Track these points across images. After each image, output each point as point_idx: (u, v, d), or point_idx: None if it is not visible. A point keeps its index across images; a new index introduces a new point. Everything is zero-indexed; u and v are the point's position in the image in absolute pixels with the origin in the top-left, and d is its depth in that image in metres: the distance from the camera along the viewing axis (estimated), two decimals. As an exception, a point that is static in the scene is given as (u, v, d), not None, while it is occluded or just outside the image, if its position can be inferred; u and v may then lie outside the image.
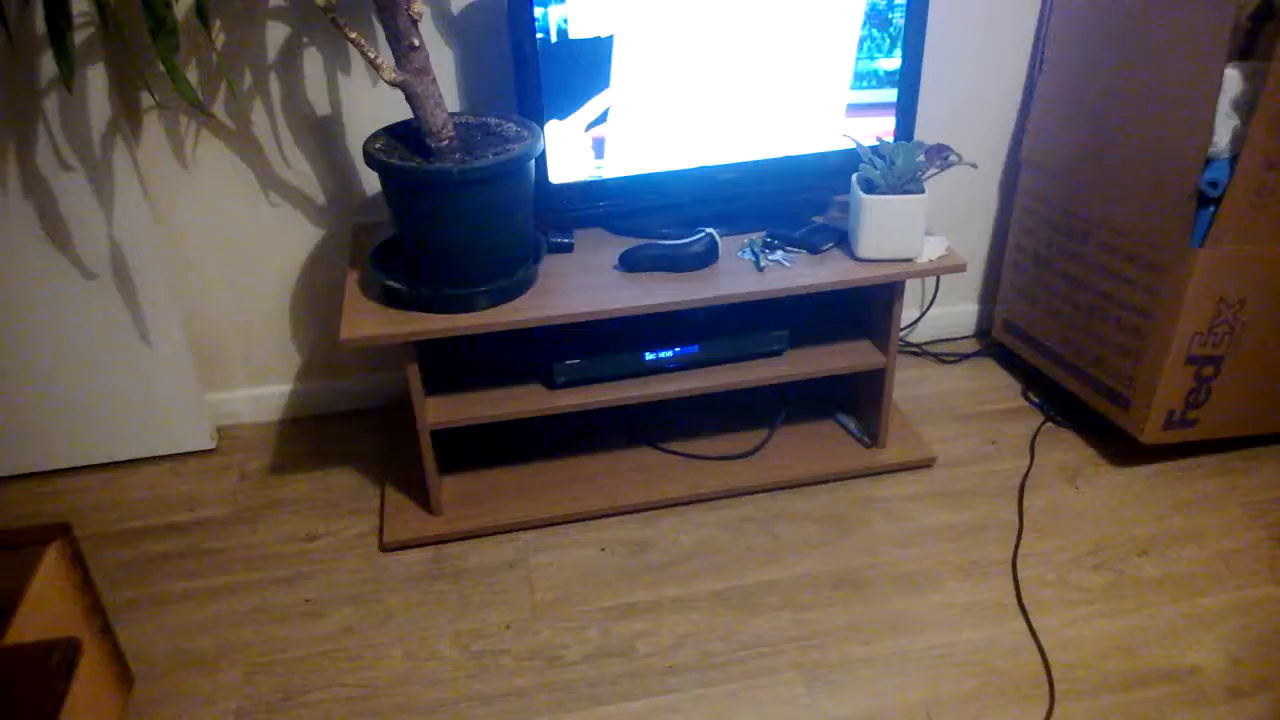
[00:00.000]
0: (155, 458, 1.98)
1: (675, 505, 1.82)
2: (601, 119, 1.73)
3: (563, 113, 1.70)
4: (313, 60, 1.78)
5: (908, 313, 2.27)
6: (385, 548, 1.75)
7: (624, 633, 1.58)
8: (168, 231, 1.87)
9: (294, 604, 1.65)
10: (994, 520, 1.79)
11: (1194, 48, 1.68)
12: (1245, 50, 1.79)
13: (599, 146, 1.74)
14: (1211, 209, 1.68)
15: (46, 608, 1.29)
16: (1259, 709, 1.44)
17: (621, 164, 1.76)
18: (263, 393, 2.08)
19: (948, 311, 2.30)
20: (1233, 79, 1.68)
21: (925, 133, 1.86)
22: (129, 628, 1.56)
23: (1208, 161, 1.68)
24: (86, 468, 1.96)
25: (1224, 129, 1.68)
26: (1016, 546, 1.72)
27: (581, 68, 1.68)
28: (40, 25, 1.58)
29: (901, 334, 2.29)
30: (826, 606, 1.62)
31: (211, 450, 2.01)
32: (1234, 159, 1.66)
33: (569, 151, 1.74)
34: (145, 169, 1.80)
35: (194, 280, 1.93)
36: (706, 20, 1.69)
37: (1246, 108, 1.66)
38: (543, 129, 1.63)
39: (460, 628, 1.60)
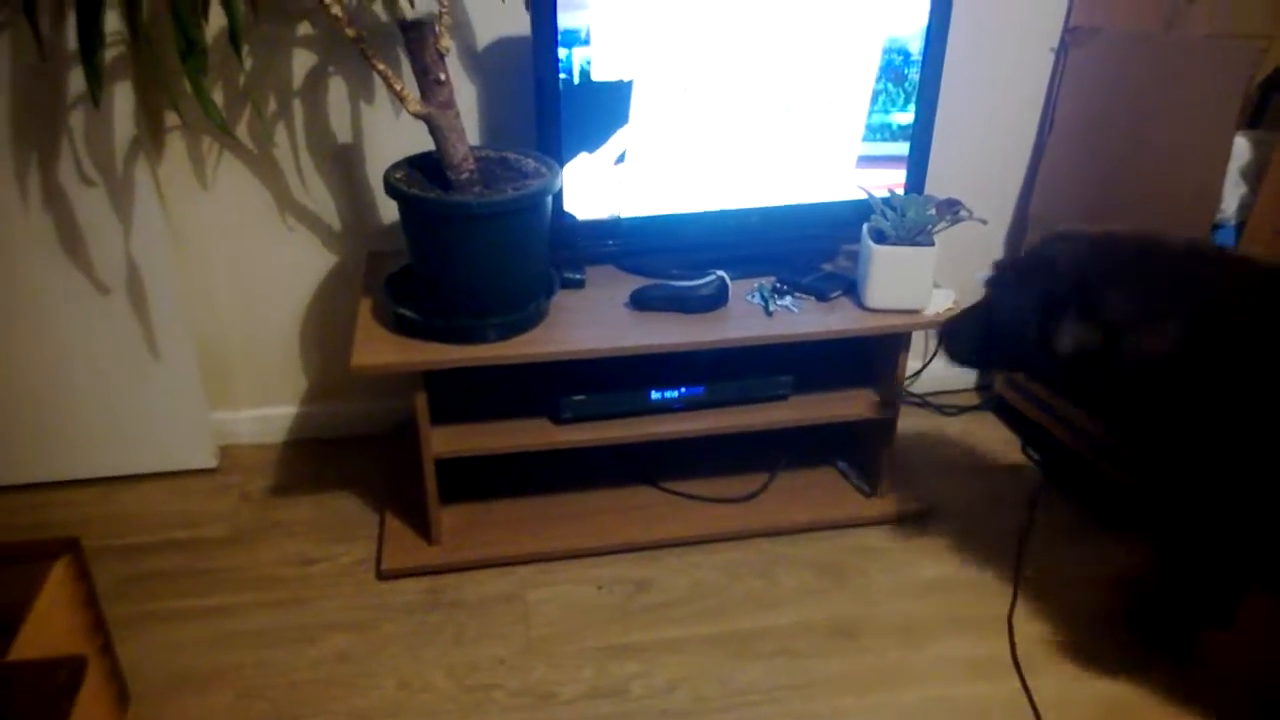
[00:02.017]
0: (157, 474, 1.98)
1: (674, 546, 1.82)
2: (619, 160, 1.75)
3: (581, 151, 1.73)
4: (338, 89, 1.80)
5: (911, 363, 2.27)
6: (383, 575, 1.74)
7: (618, 673, 1.58)
8: (184, 250, 1.88)
9: (289, 628, 1.64)
10: (991, 575, 1.78)
11: (1204, 115, 1.71)
12: (1254, 119, 1.82)
13: (615, 186, 1.77)
14: (1217, 275, 1.70)
15: (51, 624, 1.28)
16: None
17: (636, 204, 1.79)
18: (268, 414, 2.08)
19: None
20: (1242, 147, 1.70)
21: (935, 187, 1.89)
22: (123, 644, 1.55)
23: (1215, 227, 1.70)
24: (87, 481, 1.96)
25: (1232, 196, 1.70)
26: (1013, 603, 1.72)
27: (601, 109, 1.71)
28: (72, 41, 1.60)
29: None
30: (821, 655, 1.62)
31: (213, 469, 2.01)
32: (1240, 226, 1.69)
33: (586, 189, 1.76)
34: (165, 187, 1.82)
35: (206, 299, 1.94)
36: (725, 69, 1.71)
37: (1254, 176, 1.69)
38: (561, 166, 1.65)
39: (455, 660, 1.59)
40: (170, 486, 1.96)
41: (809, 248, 1.92)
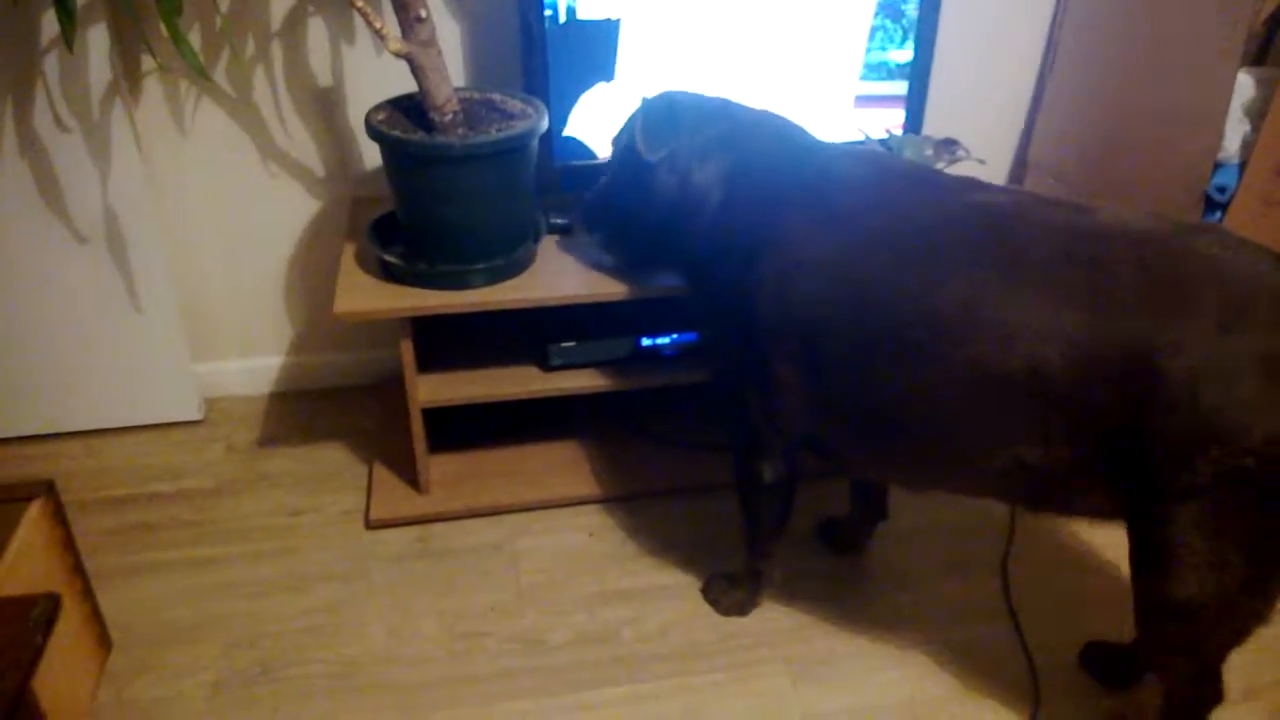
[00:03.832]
0: (141, 427, 1.96)
1: (665, 494, 1.81)
2: (607, 100, 1.71)
3: (568, 92, 1.68)
4: (317, 29, 1.75)
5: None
6: (371, 525, 1.73)
7: (609, 619, 1.57)
8: (163, 197, 1.84)
9: (277, 578, 1.63)
10: (985, 520, 1.77)
11: (1207, 52, 1.67)
12: (1259, 56, 1.78)
13: (603, 128, 1.73)
14: (1219, 214, 1.67)
15: (28, 564, 1.28)
16: (1251, 713, 1.43)
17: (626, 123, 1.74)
18: (253, 365, 2.06)
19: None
20: (1245, 84, 1.66)
21: (933, 127, 1.85)
22: (109, 595, 1.53)
23: (1217, 166, 1.67)
24: (71, 434, 1.93)
25: (1234, 134, 1.66)
26: (1007, 547, 1.71)
27: (588, 49, 1.67)
28: (43, -18, 1.56)
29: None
30: (815, 599, 1.60)
31: (199, 421, 1.98)
32: (1243, 164, 1.65)
33: (575, 131, 1.72)
34: (143, 133, 1.77)
35: (188, 248, 1.91)
36: (718, 4, 1.67)
37: (1257, 114, 1.65)
38: (548, 107, 1.61)
39: (444, 608, 1.58)
40: (155, 439, 1.94)
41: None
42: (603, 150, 1.74)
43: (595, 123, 1.72)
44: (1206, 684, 1.27)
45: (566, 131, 1.72)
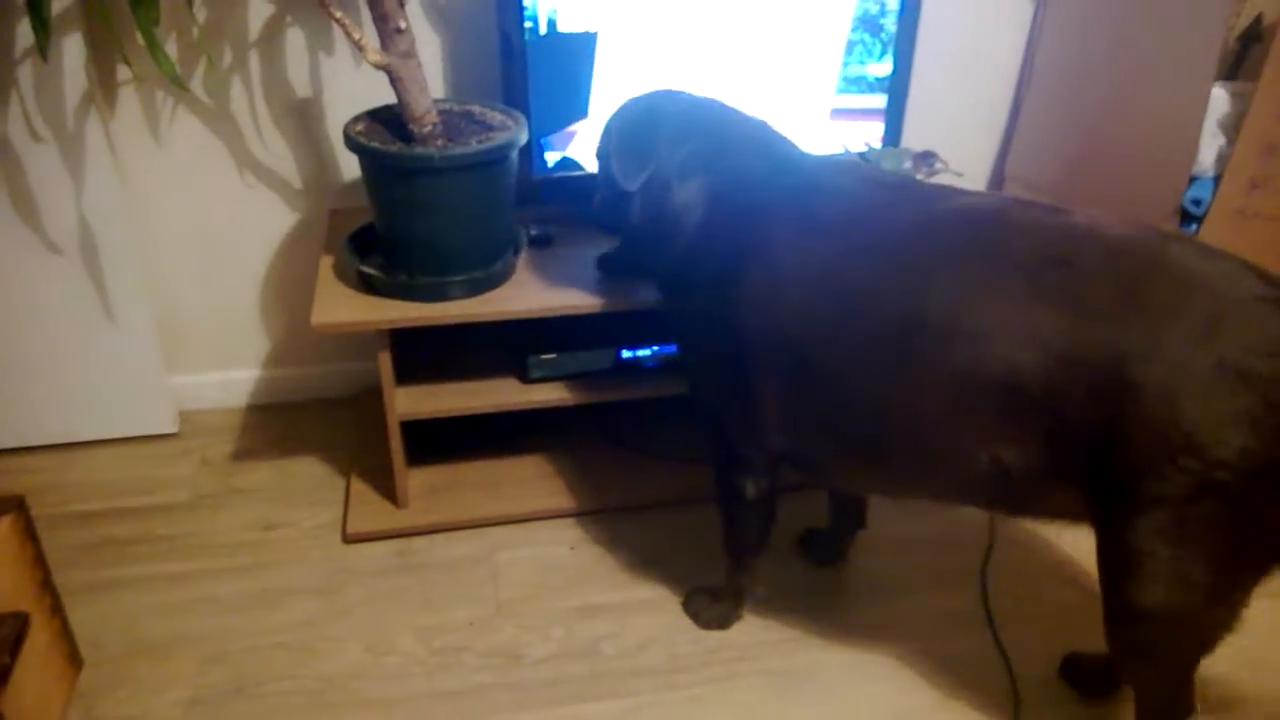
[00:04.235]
0: (115, 440, 1.93)
1: (646, 508, 1.80)
2: (584, 114, 1.71)
3: (547, 105, 1.68)
4: (295, 39, 1.74)
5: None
6: (348, 539, 1.71)
7: (589, 634, 1.55)
8: (138, 208, 1.82)
9: (252, 593, 1.61)
10: (964, 530, 1.77)
11: (1183, 67, 1.68)
12: (1233, 71, 1.80)
13: (583, 140, 1.73)
14: (1194, 227, 1.68)
15: (-6, 582, 1.25)
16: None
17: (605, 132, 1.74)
18: (229, 378, 2.04)
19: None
20: (1220, 99, 1.68)
21: (912, 140, 1.86)
22: (81, 611, 1.51)
23: (1192, 179, 1.69)
24: (43, 447, 1.90)
25: (1209, 148, 1.68)
26: (986, 558, 1.71)
27: (569, 60, 1.66)
28: (17, -10, 1.54)
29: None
30: (796, 613, 1.60)
31: (174, 434, 1.96)
32: (1218, 178, 1.67)
33: (555, 143, 1.72)
34: (118, 144, 1.76)
35: (163, 259, 1.89)
36: (695, 18, 1.67)
37: (1232, 127, 1.67)
38: (527, 119, 1.61)
39: (422, 623, 1.56)
40: (130, 452, 1.91)
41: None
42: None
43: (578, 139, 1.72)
44: (1177, 693, 1.27)
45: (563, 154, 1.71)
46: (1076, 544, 1.75)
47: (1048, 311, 1.09)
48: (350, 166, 1.86)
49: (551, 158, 1.74)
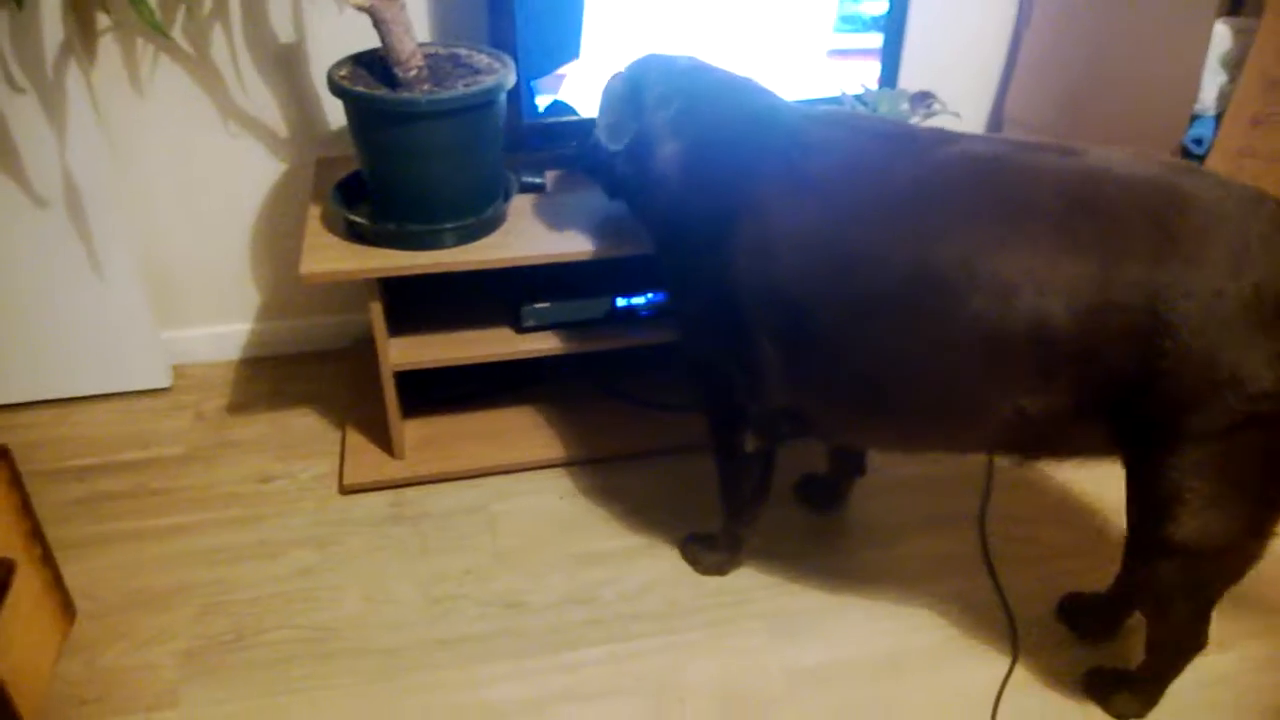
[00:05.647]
0: (108, 395, 1.92)
1: (643, 455, 1.79)
2: (575, 55, 1.67)
3: (536, 46, 1.65)
4: (277, -17, 1.71)
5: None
6: (345, 490, 1.70)
7: (588, 580, 1.56)
8: (122, 160, 1.79)
9: (249, 545, 1.61)
10: (962, 473, 1.77)
11: (1184, 3, 1.65)
12: (1235, 6, 1.76)
13: (575, 84, 1.69)
14: (1195, 165, 1.66)
15: (-20, 531, 1.25)
16: (1226, 662, 1.44)
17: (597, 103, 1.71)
18: (222, 331, 2.02)
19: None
20: (1222, 35, 1.65)
21: (909, 81, 1.83)
22: (77, 564, 1.51)
23: (1193, 118, 1.66)
24: (36, 403, 1.89)
25: (1211, 85, 1.65)
26: (984, 500, 1.71)
27: (557, 2, 1.63)
28: (-12, -66, 1.50)
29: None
30: (794, 557, 1.60)
31: (167, 389, 1.95)
32: (1219, 116, 1.64)
33: (544, 87, 1.68)
34: (99, 94, 1.72)
35: (150, 212, 1.86)
36: (688, -46, 1.63)
37: (1234, 64, 1.64)
38: (515, 61, 1.57)
39: (420, 572, 1.56)
40: (124, 407, 1.90)
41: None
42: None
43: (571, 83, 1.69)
44: (1197, 628, 1.28)
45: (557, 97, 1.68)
46: (1074, 486, 1.75)
47: (1075, 259, 1.07)
48: (336, 113, 1.83)
49: (543, 101, 1.71)
